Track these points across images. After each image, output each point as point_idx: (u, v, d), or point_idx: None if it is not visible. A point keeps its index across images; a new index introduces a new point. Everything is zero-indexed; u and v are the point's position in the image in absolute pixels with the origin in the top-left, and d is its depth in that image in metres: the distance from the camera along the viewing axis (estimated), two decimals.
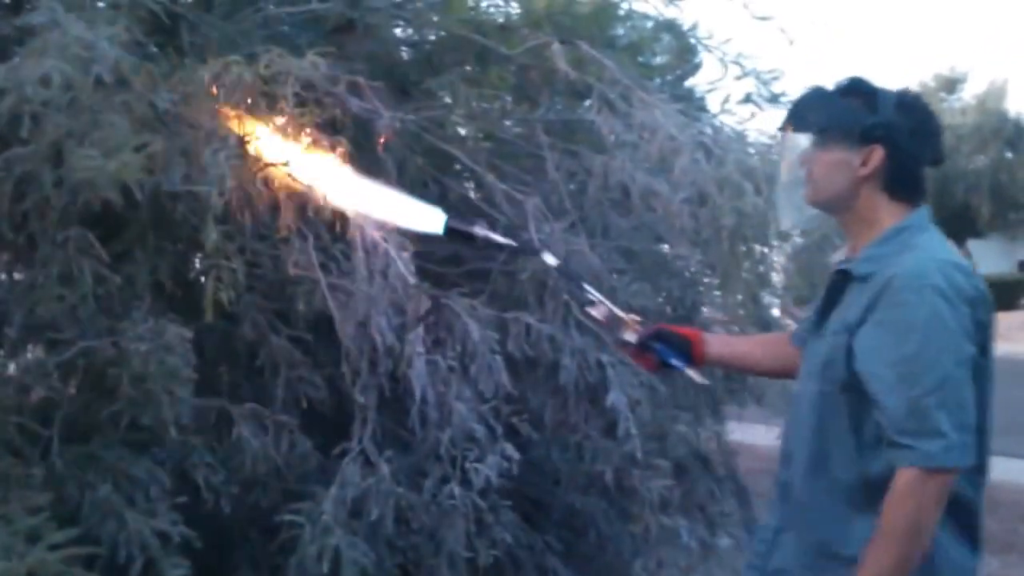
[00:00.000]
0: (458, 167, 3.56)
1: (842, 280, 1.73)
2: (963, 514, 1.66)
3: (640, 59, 4.90)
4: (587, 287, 2.08)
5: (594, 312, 2.09)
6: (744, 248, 3.65)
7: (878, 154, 1.68)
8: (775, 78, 3.98)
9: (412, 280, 2.62)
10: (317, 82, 2.50)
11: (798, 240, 3.84)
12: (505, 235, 2.19)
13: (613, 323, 2.07)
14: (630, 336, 2.07)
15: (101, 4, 2.38)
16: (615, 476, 3.01)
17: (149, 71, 2.40)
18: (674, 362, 2.08)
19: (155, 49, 2.77)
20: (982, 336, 1.62)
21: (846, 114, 1.69)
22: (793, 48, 4.10)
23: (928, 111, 1.75)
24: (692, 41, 4.78)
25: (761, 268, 3.60)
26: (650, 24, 4.95)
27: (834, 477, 1.68)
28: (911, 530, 1.55)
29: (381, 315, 2.70)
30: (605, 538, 3.40)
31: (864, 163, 1.68)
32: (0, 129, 2.20)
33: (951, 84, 29.36)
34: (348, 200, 2.47)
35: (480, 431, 2.71)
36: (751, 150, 3.58)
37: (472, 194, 3.53)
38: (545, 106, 3.85)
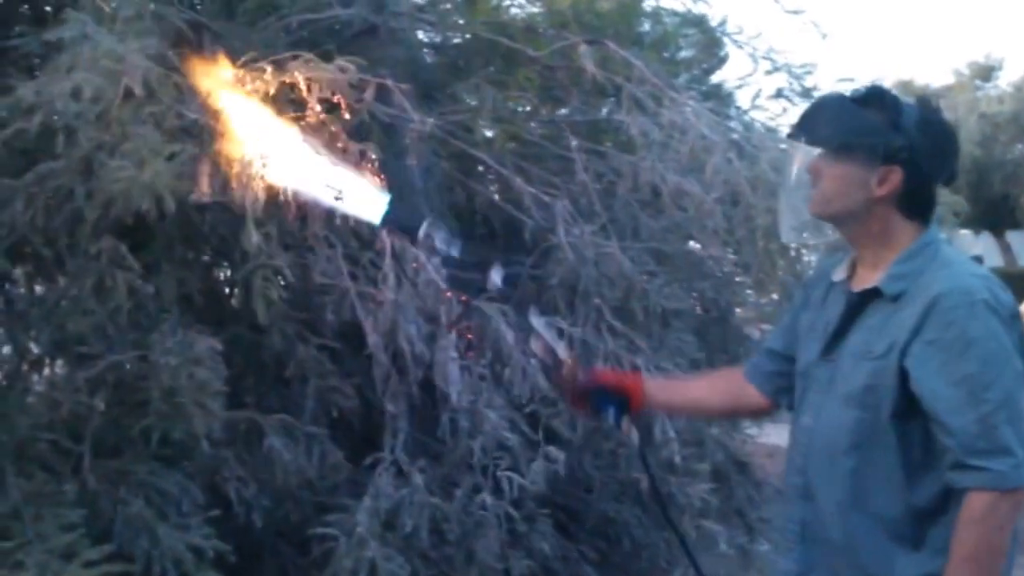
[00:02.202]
0: (482, 169, 3.58)
1: (862, 300, 1.67)
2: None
3: (665, 54, 4.89)
4: (532, 319, 2.03)
5: (533, 344, 2.02)
6: (779, 247, 3.64)
7: (897, 175, 1.62)
8: (808, 72, 3.96)
9: (443, 286, 2.63)
10: (344, 88, 2.51)
11: (834, 237, 3.81)
12: (451, 245, 2.12)
13: (550, 359, 2.01)
14: (568, 377, 2.00)
15: (127, 14, 2.41)
16: (650, 484, 3.00)
17: (176, 82, 2.43)
18: (607, 414, 2.01)
19: (180, 59, 2.80)
20: (1021, 349, 1.59)
21: (868, 130, 1.62)
22: (825, 41, 4.07)
23: (949, 129, 1.69)
24: (720, 36, 4.78)
25: (797, 267, 3.57)
26: (677, 20, 4.94)
27: (876, 513, 1.62)
28: (990, 553, 1.52)
29: (410, 323, 2.71)
30: (640, 546, 3.39)
31: (881, 182, 1.63)
32: (30, 144, 2.23)
33: (987, 72, 29.03)
34: (296, 177, 2.39)
35: (513, 439, 2.71)
36: (784, 147, 3.56)
37: (498, 197, 3.53)
38: (572, 107, 3.85)
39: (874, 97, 1.67)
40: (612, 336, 3.07)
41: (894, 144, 1.60)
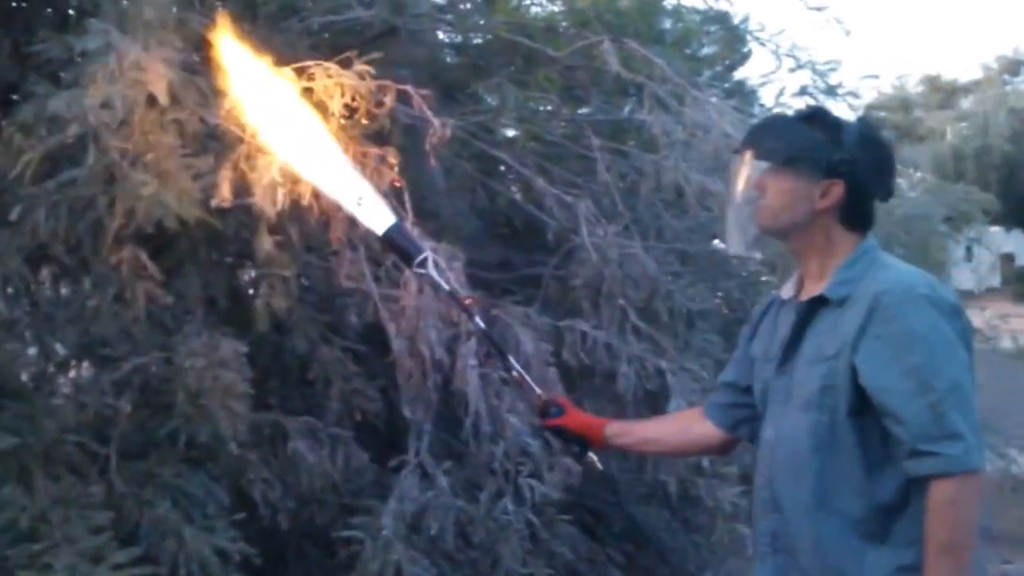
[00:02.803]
0: (504, 169, 3.60)
1: (810, 309, 1.75)
2: None
3: (687, 51, 4.91)
4: (511, 360, 2.17)
5: (509, 379, 2.19)
6: None
7: (839, 188, 1.72)
8: (832, 69, 3.96)
9: (463, 291, 2.65)
10: (366, 93, 2.53)
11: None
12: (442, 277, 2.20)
13: (524, 389, 2.16)
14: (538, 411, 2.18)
15: (149, 20, 2.44)
16: (679, 486, 3.00)
17: (199, 87, 2.46)
18: (573, 449, 2.23)
19: (200, 63, 2.83)
20: (966, 343, 1.67)
21: (811, 146, 1.73)
22: (849, 38, 4.07)
23: (887, 146, 1.81)
24: (743, 33, 4.78)
25: None
26: (698, 17, 4.95)
27: (841, 512, 1.68)
28: (960, 538, 1.58)
29: (431, 327, 2.73)
30: (668, 550, 3.40)
31: (824, 195, 1.72)
32: (52, 153, 2.27)
33: (1015, 66, 28.78)
34: (313, 174, 2.42)
35: (535, 445, 2.72)
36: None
37: (520, 197, 3.55)
38: (593, 106, 3.87)
39: (817, 116, 1.80)
40: (637, 337, 3.07)
41: (836, 159, 1.71)
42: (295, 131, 2.26)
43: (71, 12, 2.95)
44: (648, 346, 3.08)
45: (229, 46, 2.37)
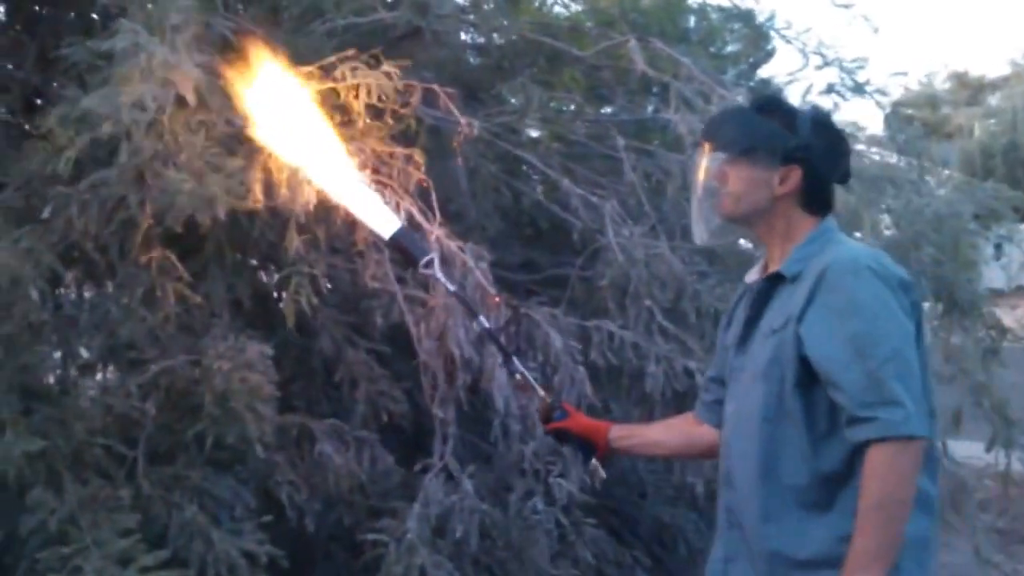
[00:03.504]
0: (528, 170, 3.59)
1: (769, 287, 1.80)
2: (924, 497, 1.68)
3: (711, 49, 4.88)
4: (515, 361, 2.13)
5: (513, 384, 2.18)
6: None
7: (796, 174, 1.77)
8: (859, 67, 3.92)
9: (492, 290, 2.65)
10: (392, 93, 2.54)
11: (889, 232, 3.78)
12: (449, 279, 2.19)
13: (530, 393, 2.14)
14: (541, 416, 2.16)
15: (176, 23, 2.46)
16: (706, 487, 2.99)
17: (224, 89, 2.47)
18: (576, 455, 2.26)
19: (226, 65, 2.85)
20: (916, 317, 1.70)
21: (767, 134, 1.79)
22: (877, 35, 4.04)
23: (839, 131, 1.86)
24: (768, 30, 4.75)
25: None
26: (722, 15, 4.92)
27: (784, 483, 1.70)
28: (894, 502, 1.59)
29: (459, 327, 2.73)
30: (696, 552, 3.38)
31: (782, 182, 1.78)
32: (82, 154, 2.29)
33: None
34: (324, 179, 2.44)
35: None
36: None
37: (545, 198, 3.54)
38: (618, 106, 3.85)
39: (771, 104, 1.87)
40: (664, 338, 3.06)
41: (791, 145, 1.77)
42: (307, 138, 2.27)
43: (95, 17, 2.98)
44: (675, 346, 3.06)
45: (250, 58, 2.39)
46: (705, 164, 1.85)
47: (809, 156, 1.77)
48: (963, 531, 3.63)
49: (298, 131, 2.41)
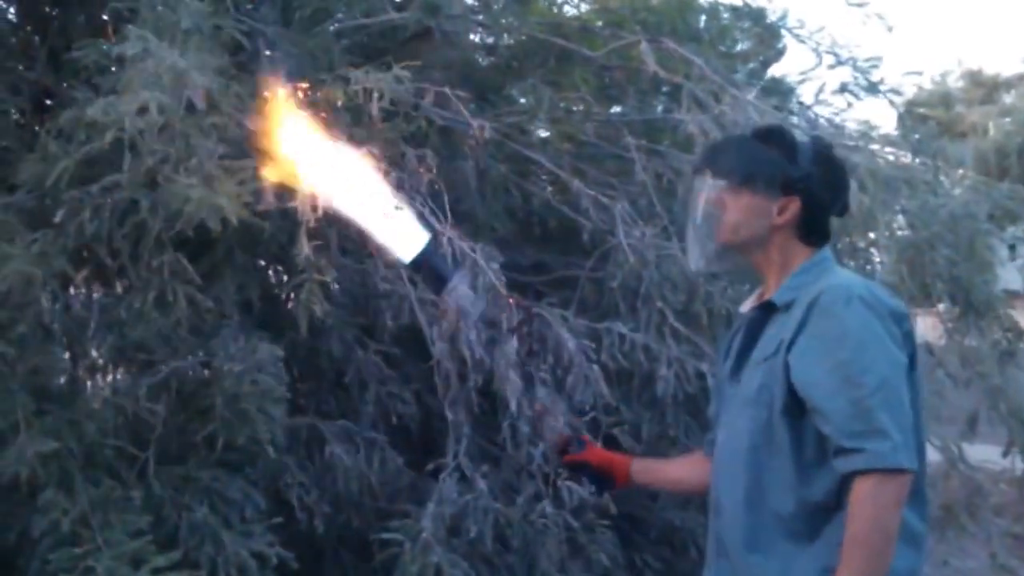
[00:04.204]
0: (538, 170, 3.60)
1: (762, 316, 1.82)
2: (909, 533, 1.67)
3: (722, 48, 4.88)
4: (540, 389, 2.24)
5: (536, 407, 2.22)
6: (845, 247, 3.61)
7: (795, 205, 1.79)
8: (873, 66, 3.92)
9: (503, 291, 2.66)
10: (404, 96, 2.56)
11: (903, 233, 3.78)
12: (474, 304, 2.20)
13: (546, 426, 2.19)
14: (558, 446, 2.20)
15: (186, 26, 2.48)
16: None
17: (236, 92, 2.50)
18: (588, 487, 2.31)
19: (235, 69, 2.88)
20: (909, 348, 1.70)
21: (767, 164, 1.80)
22: (891, 34, 4.04)
23: (839, 164, 1.89)
24: (780, 29, 4.75)
25: (867, 267, 3.54)
26: (733, 14, 4.92)
27: (770, 512, 1.70)
28: (878, 536, 1.58)
29: (471, 328, 2.74)
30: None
31: (781, 212, 1.80)
32: (94, 157, 2.32)
33: None
34: (339, 197, 2.47)
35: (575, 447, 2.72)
36: (850, 143, 3.53)
37: (555, 199, 3.56)
38: (628, 105, 3.87)
39: (773, 134, 1.88)
40: (676, 340, 3.07)
41: (792, 176, 1.79)
42: (333, 170, 2.29)
43: (106, 19, 3.01)
44: (687, 348, 3.07)
45: (276, 105, 2.43)
46: (704, 191, 1.85)
47: (809, 187, 1.79)
48: (979, 536, 3.63)
49: (314, 142, 2.44)
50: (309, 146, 2.45)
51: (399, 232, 2.20)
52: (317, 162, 2.42)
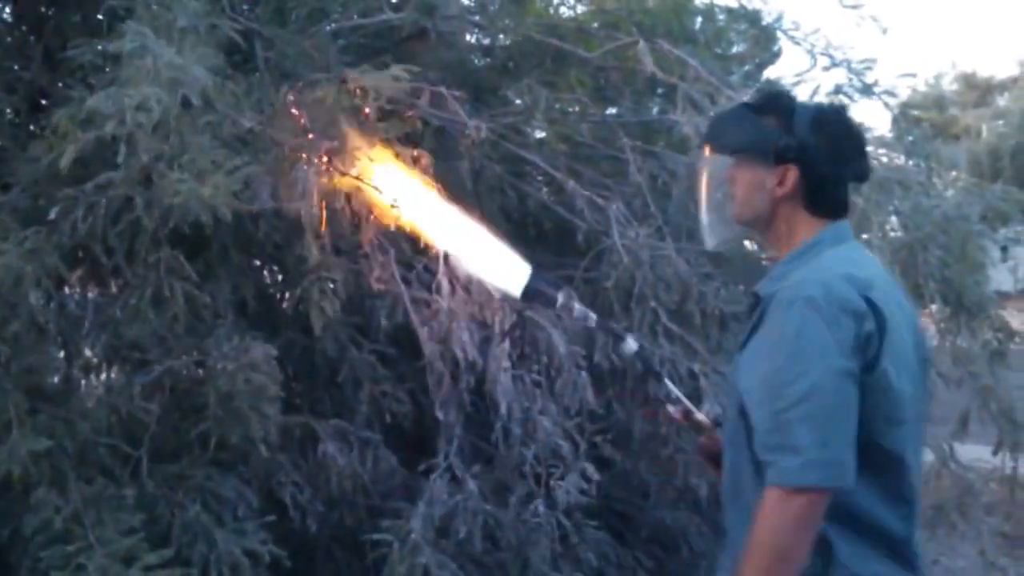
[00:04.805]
0: (533, 170, 3.58)
1: (756, 306, 1.71)
2: (884, 540, 1.59)
3: (717, 50, 4.86)
4: (667, 382, 1.99)
5: (672, 410, 1.98)
6: None
7: (793, 174, 1.69)
8: (868, 68, 3.90)
9: (496, 293, 2.64)
10: (400, 96, 2.54)
11: (896, 234, 3.75)
12: (587, 315, 2.14)
13: (691, 424, 1.95)
14: (703, 438, 1.96)
15: (183, 24, 2.46)
16: (709, 489, 2.98)
17: (232, 91, 2.47)
18: None
19: (232, 68, 2.85)
20: (872, 350, 1.54)
21: (760, 134, 1.71)
22: (885, 36, 4.01)
23: (846, 127, 1.74)
24: (775, 31, 4.72)
25: None
26: (729, 16, 4.90)
27: (746, 505, 1.63)
28: (773, 554, 1.50)
29: (463, 329, 2.72)
30: (698, 554, 3.37)
31: (780, 183, 1.69)
32: (89, 155, 2.29)
33: None
34: (443, 238, 2.49)
35: (566, 448, 2.71)
36: None
37: (550, 199, 3.53)
38: (624, 107, 3.84)
39: (769, 103, 1.77)
40: (669, 340, 3.05)
41: (782, 144, 1.68)
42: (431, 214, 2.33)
43: (101, 18, 2.98)
44: (680, 348, 3.05)
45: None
46: (705, 167, 1.80)
47: (806, 155, 1.68)
48: (969, 535, 3.61)
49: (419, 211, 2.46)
50: (411, 198, 2.47)
51: (504, 269, 2.16)
52: (421, 212, 2.45)
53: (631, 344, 1.98)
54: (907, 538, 1.62)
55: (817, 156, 1.68)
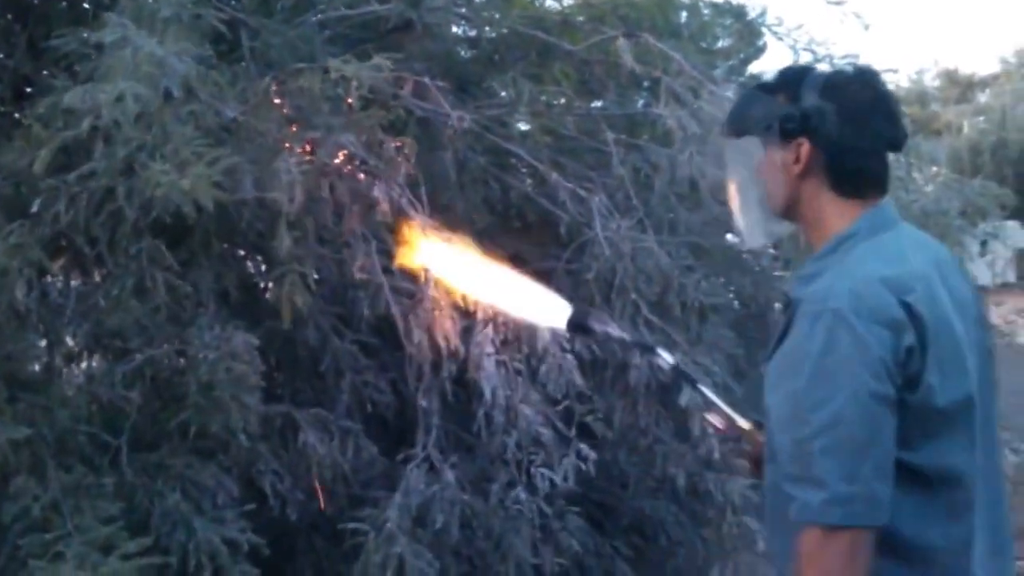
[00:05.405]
0: (518, 163, 3.54)
1: (787, 308, 1.54)
2: (930, 562, 1.41)
3: (703, 44, 4.82)
4: (705, 390, 1.86)
5: (712, 419, 1.85)
6: None
7: (805, 148, 1.49)
8: (850, 63, 3.86)
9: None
10: (383, 85, 2.49)
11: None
12: (623, 330, 2.09)
13: (733, 431, 1.82)
14: (748, 446, 1.82)
15: (166, 15, 2.41)
16: (688, 479, 2.96)
17: (215, 81, 2.43)
18: None
19: (217, 58, 2.80)
20: (914, 365, 1.37)
21: (764, 112, 1.52)
22: (868, 31, 3.98)
23: (864, 89, 1.52)
24: (759, 26, 4.69)
25: None
26: (714, 11, 4.87)
27: (781, 524, 1.47)
28: None
29: (446, 318, 2.69)
30: (676, 543, 3.35)
31: (796, 160, 1.50)
32: (70, 146, 2.25)
33: None
34: (476, 287, 2.45)
35: (547, 435, 2.68)
36: None
37: (533, 191, 3.50)
38: (608, 100, 3.81)
39: (780, 77, 1.58)
40: (649, 331, 3.02)
41: (785, 114, 1.50)
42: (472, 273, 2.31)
43: (86, 7, 2.93)
44: (660, 339, 3.02)
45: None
46: (730, 155, 1.61)
47: (816, 123, 1.47)
48: None
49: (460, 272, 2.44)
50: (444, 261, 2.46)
51: (544, 308, 2.10)
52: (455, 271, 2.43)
53: (667, 358, 1.87)
54: (958, 553, 1.44)
55: (828, 123, 1.47)
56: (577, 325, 1.93)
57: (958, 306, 1.46)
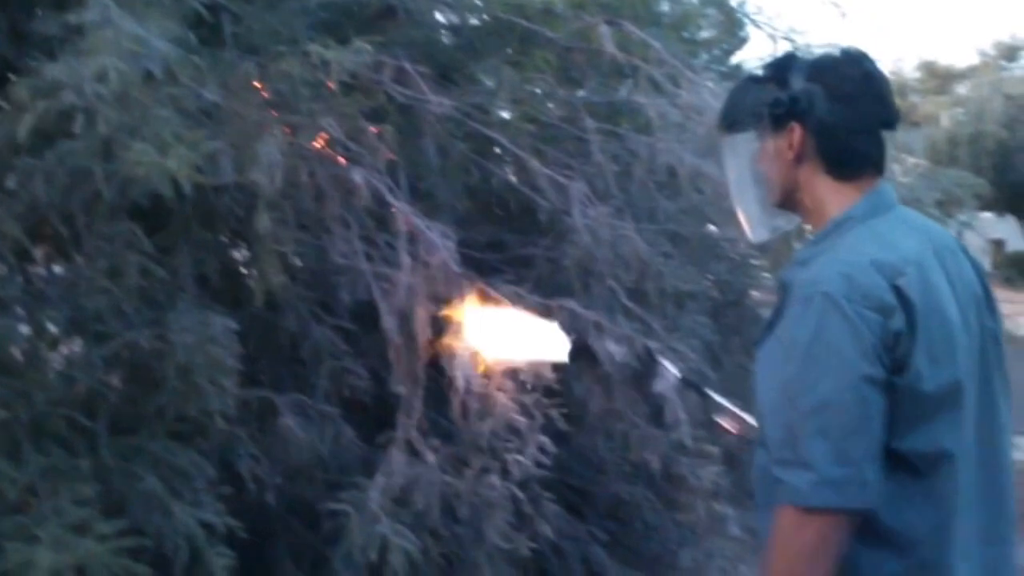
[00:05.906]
0: (499, 150, 3.53)
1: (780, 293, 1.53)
2: (910, 550, 1.40)
3: (684, 34, 4.81)
4: (715, 395, 1.86)
5: (724, 423, 1.86)
6: (795, 229, 3.56)
7: (797, 132, 1.48)
8: (839, 47, 3.86)
9: (456, 268, 2.59)
10: (363, 70, 2.47)
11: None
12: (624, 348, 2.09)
13: (746, 432, 1.82)
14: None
15: None
16: (662, 465, 2.96)
17: (196, 64, 2.40)
18: None
19: (198, 41, 2.76)
20: (902, 348, 1.35)
21: (754, 101, 1.52)
22: (847, 21, 3.98)
23: (852, 69, 1.50)
24: (742, 17, 4.69)
25: None
26: (696, 0, 4.86)
27: (772, 508, 1.46)
28: None
29: (423, 304, 2.67)
30: (651, 528, 3.36)
31: (790, 146, 1.49)
32: (49, 124, 2.21)
33: (1012, 52, 28.50)
34: (484, 344, 2.47)
35: (522, 423, 2.68)
36: None
37: (514, 178, 3.48)
38: (589, 88, 3.79)
39: (769, 66, 1.58)
40: (626, 317, 3.02)
41: (776, 101, 1.49)
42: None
43: None
44: (637, 326, 3.02)
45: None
46: (728, 150, 1.61)
47: (803, 106, 1.46)
48: None
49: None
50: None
51: (548, 341, 2.08)
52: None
53: (672, 370, 1.89)
54: (935, 539, 1.41)
55: (817, 104, 1.46)
56: (578, 355, 1.95)
57: (959, 292, 1.45)
